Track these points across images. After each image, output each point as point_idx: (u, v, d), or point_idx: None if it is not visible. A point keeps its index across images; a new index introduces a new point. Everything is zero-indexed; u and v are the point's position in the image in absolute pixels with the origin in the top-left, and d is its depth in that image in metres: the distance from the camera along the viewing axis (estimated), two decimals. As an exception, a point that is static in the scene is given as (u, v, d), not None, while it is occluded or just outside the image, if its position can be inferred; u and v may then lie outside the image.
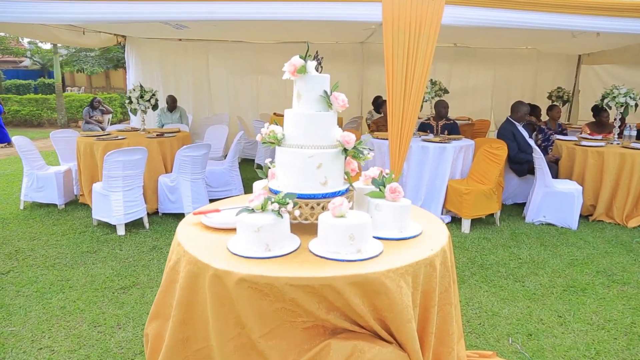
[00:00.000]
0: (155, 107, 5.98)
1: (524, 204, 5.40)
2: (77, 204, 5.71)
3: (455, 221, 4.99)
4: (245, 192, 6.30)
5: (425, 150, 4.97)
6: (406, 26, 4.34)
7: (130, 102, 5.82)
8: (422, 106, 5.39)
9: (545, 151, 6.10)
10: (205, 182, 5.59)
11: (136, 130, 6.26)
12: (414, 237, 2.10)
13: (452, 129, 5.95)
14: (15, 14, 4.76)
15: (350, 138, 2.18)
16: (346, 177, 2.33)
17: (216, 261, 1.87)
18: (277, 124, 2.27)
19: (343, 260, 1.82)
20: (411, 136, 4.58)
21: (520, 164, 5.44)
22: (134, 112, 5.96)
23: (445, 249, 2.02)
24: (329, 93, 2.19)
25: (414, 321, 1.82)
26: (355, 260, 1.82)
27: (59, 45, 15.85)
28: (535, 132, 6.55)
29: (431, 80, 7.25)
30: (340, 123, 8.34)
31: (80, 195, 5.67)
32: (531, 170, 5.25)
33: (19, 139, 5.51)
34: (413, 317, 1.81)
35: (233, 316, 1.82)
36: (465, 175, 5.07)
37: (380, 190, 2.22)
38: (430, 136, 5.63)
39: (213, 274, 1.85)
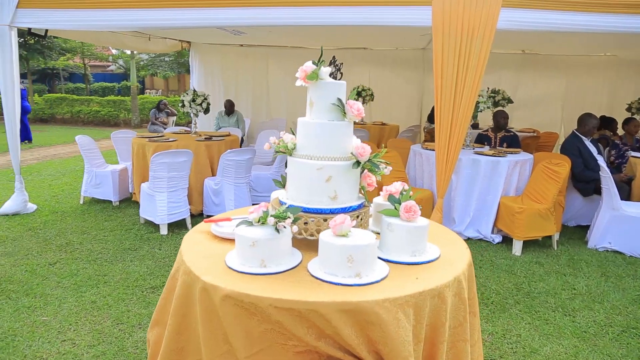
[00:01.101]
0: (207, 110, 6.10)
1: (588, 227, 4.88)
2: (130, 202, 5.95)
3: (506, 241, 4.61)
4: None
5: (476, 164, 4.64)
6: (457, 31, 4.07)
7: (183, 106, 5.99)
8: (476, 116, 5.06)
9: (618, 169, 5.50)
10: (249, 187, 5.61)
11: (189, 132, 6.43)
12: (428, 262, 1.90)
13: (512, 142, 5.53)
14: (81, 22, 5.04)
15: (364, 150, 2.03)
16: (362, 192, 2.18)
17: (207, 274, 1.79)
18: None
19: (338, 284, 1.67)
20: (460, 148, 4.28)
21: (586, 183, 4.93)
22: (187, 115, 6.12)
23: (460, 278, 1.80)
24: (344, 101, 2.05)
25: (412, 358, 1.62)
26: (351, 285, 1.66)
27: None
28: (608, 148, 5.94)
29: (493, 89, 6.85)
30: (396, 131, 8.10)
31: (133, 193, 5.90)
32: (598, 190, 4.73)
33: (81, 138, 5.84)
34: (412, 354, 1.62)
35: (222, 332, 1.72)
36: (521, 192, 4.67)
37: (395, 208, 2.03)
38: (485, 148, 5.27)
39: (202, 287, 1.77)
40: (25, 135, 11.33)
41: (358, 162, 2.03)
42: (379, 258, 1.92)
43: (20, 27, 5.05)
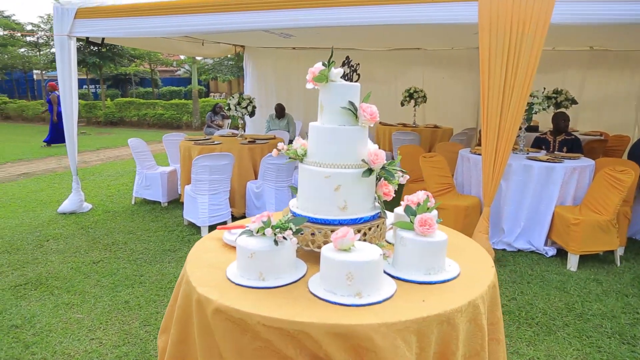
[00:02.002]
0: (252, 114, 6.15)
1: (660, 242, 4.37)
2: (177, 203, 6.10)
3: (561, 255, 4.22)
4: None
5: (528, 170, 4.29)
6: (506, 27, 3.78)
7: (229, 109, 6.06)
8: (530, 118, 4.70)
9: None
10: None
11: (236, 135, 6.51)
12: (443, 282, 1.72)
13: (573, 146, 5.09)
14: (134, 29, 5.23)
15: (377, 157, 1.88)
16: (379, 202, 2.02)
17: (204, 285, 1.73)
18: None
19: (334, 303, 1.54)
20: (509, 152, 3.97)
21: (658, 193, 4.42)
22: (233, 118, 6.21)
23: (477, 303, 1.60)
24: (356, 104, 1.91)
25: (413, 390, 1.46)
26: (348, 305, 1.53)
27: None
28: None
29: (555, 89, 6.35)
30: (449, 135, 7.75)
31: (180, 194, 6.05)
32: (672, 201, 4.22)
33: (133, 141, 6.08)
34: (412, 385, 1.45)
35: (216, 346, 1.65)
36: (579, 201, 4.26)
37: (410, 220, 1.86)
38: (542, 153, 4.87)
39: (197, 298, 1.71)
40: (59, 139, 11.92)
41: (370, 170, 1.88)
42: (390, 275, 1.76)
43: (78, 36, 5.32)
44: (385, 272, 1.80)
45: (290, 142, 7.87)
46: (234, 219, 5.23)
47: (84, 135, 15.25)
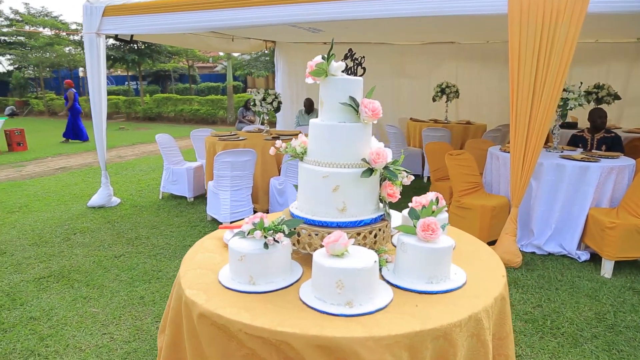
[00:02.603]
0: (277, 109, 6.09)
1: None
2: (203, 198, 6.14)
3: (595, 260, 3.95)
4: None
5: (561, 169, 4.04)
6: (538, 16, 3.55)
7: (254, 105, 6.04)
8: (565, 115, 4.43)
9: None
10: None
11: (262, 131, 6.48)
12: (446, 292, 1.60)
13: (612, 144, 4.76)
14: (162, 26, 5.25)
15: (379, 156, 1.76)
16: (383, 204, 1.91)
17: (192, 287, 1.68)
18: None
19: (323, 312, 1.46)
20: (539, 150, 3.75)
21: None
22: (259, 114, 6.18)
23: (480, 317, 1.47)
24: (358, 99, 1.80)
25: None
26: (336, 315, 1.43)
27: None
28: None
29: (596, 83, 5.99)
30: (482, 131, 7.47)
31: (206, 190, 6.08)
32: None
33: (161, 137, 6.15)
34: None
35: (202, 351, 1.60)
36: (617, 203, 3.97)
37: (414, 224, 1.74)
38: (578, 151, 4.59)
39: (184, 301, 1.66)
40: (76, 134, 12.33)
41: (371, 170, 1.77)
42: (388, 282, 1.65)
43: (106, 33, 5.42)
44: (384, 278, 1.69)
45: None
46: (256, 215, 5.20)
47: (123, 130, 15.72)
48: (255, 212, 5.23)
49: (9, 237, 4.74)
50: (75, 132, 12.21)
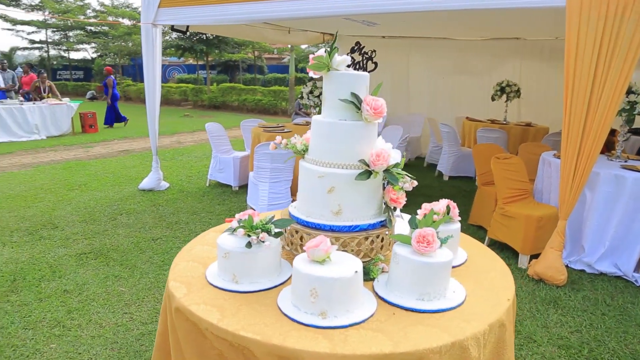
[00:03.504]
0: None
1: None
2: (247, 188, 6.21)
3: (655, 285, 3.54)
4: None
5: (620, 181, 3.64)
6: (601, 10, 3.20)
7: (302, 98, 6.01)
8: (632, 120, 3.99)
9: None
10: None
11: (309, 124, 6.44)
12: (437, 312, 1.46)
13: (690, 156, 4.23)
14: (217, 17, 5.31)
15: (380, 157, 1.64)
16: (388, 209, 1.79)
17: (176, 280, 1.67)
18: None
19: (294, 321, 1.38)
20: (595, 158, 3.40)
21: None
22: (306, 107, 6.14)
23: (466, 344, 1.33)
24: (362, 96, 1.68)
25: None
26: (306, 325, 1.36)
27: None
28: None
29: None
30: (543, 134, 6.97)
31: (250, 180, 6.16)
32: None
33: (211, 125, 6.29)
34: None
35: (180, 345, 1.57)
36: (686, 223, 3.52)
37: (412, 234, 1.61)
38: (645, 162, 4.12)
39: (167, 293, 1.64)
40: (117, 118, 12.79)
41: (369, 172, 1.65)
42: (378, 295, 1.54)
43: (162, 24, 5.60)
44: (375, 290, 1.58)
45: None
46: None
47: (187, 117, 16.35)
48: (293, 205, 5.22)
49: (64, 212, 5.05)
50: (117, 116, 12.80)
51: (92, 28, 26.20)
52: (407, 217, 2.16)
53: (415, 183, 1.73)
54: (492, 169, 4.13)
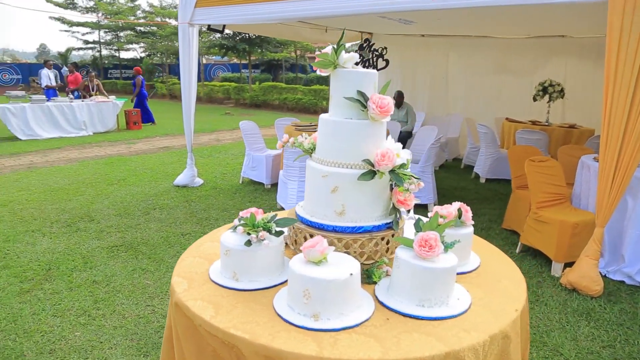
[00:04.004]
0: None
1: None
2: (278, 186, 6.27)
3: (703, 301, 3.28)
4: (440, 203, 5.70)
5: (666, 188, 3.40)
6: (646, 5, 2.99)
7: (334, 96, 5.97)
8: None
9: None
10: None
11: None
12: (436, 319, 1.41)
13: None
14: (253, 16, 5.37)
15: (385, 157, 1.60)
16: (396, 211, 1.74)
17: (180, 274, 1.71)
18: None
19: (286, 321, 1.37)
20: (637, 162, 3.19)
21: None
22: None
23: (463, 355, 1.29)
24: (368, 94, 1.64)
25: None
26: (297, 326, 1.34)
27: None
28: None
29: None
30: (588, 136, 6.63)
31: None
32: None
33: (245, 124, 6.38)
34: None
35: (179, 341, 1.59)
36: None
37: (417, 237, 1.56)
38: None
39: (170, 288, 1.66)
40: (148, 118, 12.90)
41: (373, 172, 1.61)
42: (378, 300, 1.49)
43: (199, 24, 5.72)
44: (375, 294, 1.54)
45: (408, 133, 7.53)
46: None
47: (228, 115, 16.69)
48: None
49: (102, 206, 5.26)
50: (146, 115, 13.07)
51: (141, 28, 27.21)
52: (426, 220, 2.09)
53: (422, 185, 1.67)
54: (525, 172, 3.95)
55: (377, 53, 1.91)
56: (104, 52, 29.40)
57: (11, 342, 2.68)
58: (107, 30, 27.67)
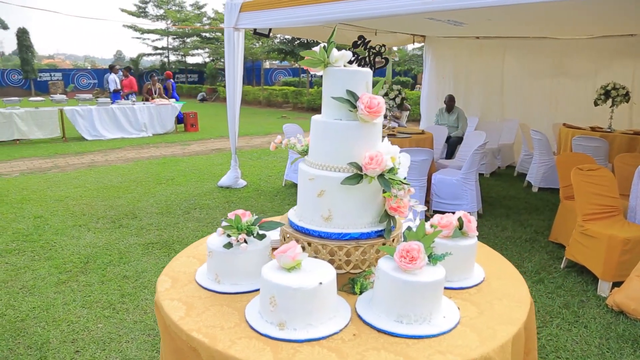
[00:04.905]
0: (400, 106, 5.84)
1: None
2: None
3: None
4: (486, 211, 5.43)
5: None
6: None
7: (376, 100, 5.87)
8: None
9: None
10: (424, 190, 5.12)
11: (393, 127, 6.28)
12: (412, 338, 1.31)
13: None
14: (297, 19, 5.39)
15: (373, 161, 1.52)
16: (388, 218, 1.64)
17: (168, 274, 1.74)
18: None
19: (252, 328, 1.34)
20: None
21: None
22: (393, 109, 6.00)
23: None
24: (358, 94, 1.57)
25: None
26: (261, 334, 1.30)
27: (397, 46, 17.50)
28: None
29: None
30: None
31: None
32: None
33: (288, 126, 6.42)
34: None
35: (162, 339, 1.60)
36: None
37: (404, 246, 1.46)
38: None
39: (156, 287, 1.67)
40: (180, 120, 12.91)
41: (359, 176, 1.53)
42: (357, 314, 1.41)
43: (242, 28, 5.83)
44: (355, 305, 1.45)
45: (459, 138, 7.24)
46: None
47: (284, 119, 16.94)
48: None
49: (146, 204, 5.49)
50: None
51: (207, 34, 28.35)
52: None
53: (413, 191, 1.56)
54: (571, 181, 3.65)
55: (374, 51, 1.81)
56: (172, 57, 30.92)
57: (40, 329, 2.83)
58: (174, 36, 29.09)
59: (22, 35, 26.95)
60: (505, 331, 1.35)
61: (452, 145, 7.26)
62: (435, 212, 5.40)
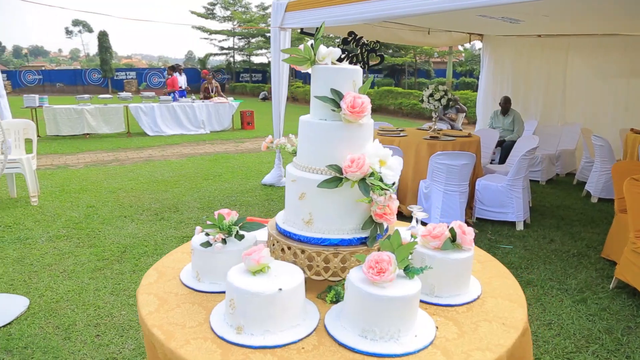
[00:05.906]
0: (446, 107, 5.62)
1: None
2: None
3: None
4: (534, 220, 5.10)
5: None
6: None
7: (422, 101, 5.70)
8: None
9: None
10: (467, 197, 4.88)
11: (441, 129, 6.07)
12: (374, 356, 1.22)
13: None
14: (342, 17, 5.33)
15: (354, 164, 1.46)
16: (374, 224, 1.57)
17: (156, 269, 1.78)
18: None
19: (211, 329, 1.33)
20: None
21: None
22: (427, 111, 5.81)
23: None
24: (343, 92, 1.51)
25: None
26: (219, 337, 1.30)
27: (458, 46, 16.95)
28: None
29: None
30: None
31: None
32: None
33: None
34: None
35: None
36: None
37: (378, 256, 1.38)
38: None
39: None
40: None
41: (339, 179, 1.47)
42: (324, 324, 1.35)
43: (288, 27, 5.87)
44: (325, 315, 1.40)
45: (510, 143, 6.87)
46: (399, 216, 4.94)
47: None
48: (399, 212, 4.98)
49: (190, 198, 5.68)
50: None
51: (270, 34, 29.00)
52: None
53: (394, 197, 1.47)
54: (624, 192, 3.32)
55: (367, 48, 1.73)
56: (237, 57, 31.92)
57: (70, 311, 3.01)
58: (240, 37, 30.00)
59: (102, 37, 28.98)
60: (481, 358, 1.24)
61: (506, 149, 6.89)
62: (479, 219, 5.14)
